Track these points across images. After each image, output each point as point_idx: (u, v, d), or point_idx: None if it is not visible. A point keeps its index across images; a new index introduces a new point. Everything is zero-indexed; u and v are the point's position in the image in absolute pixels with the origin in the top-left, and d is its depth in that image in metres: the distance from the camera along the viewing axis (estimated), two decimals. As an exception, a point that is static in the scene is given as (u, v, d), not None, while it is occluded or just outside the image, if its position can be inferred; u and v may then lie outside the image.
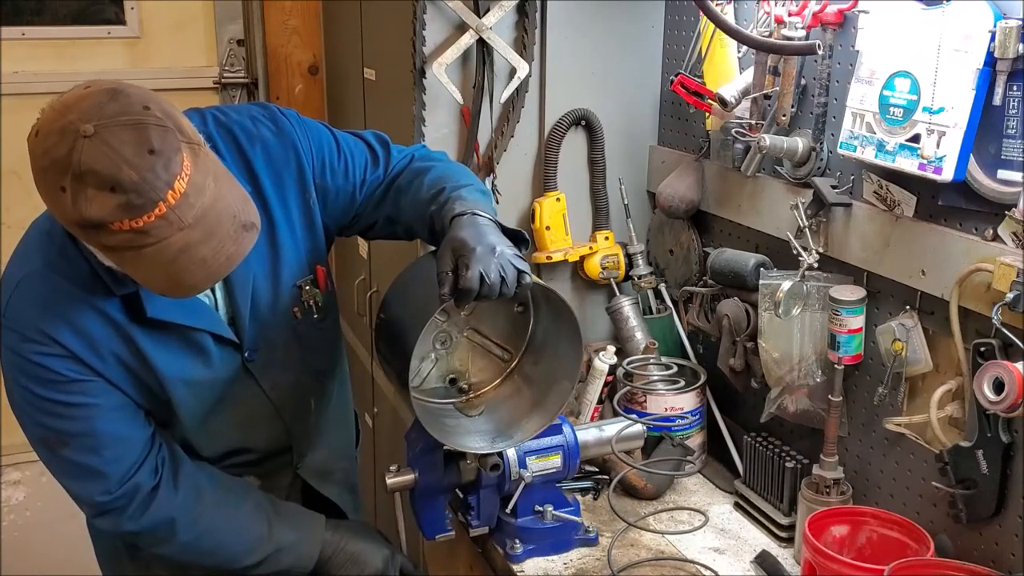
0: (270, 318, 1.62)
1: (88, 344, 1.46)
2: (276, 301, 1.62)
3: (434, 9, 2.03)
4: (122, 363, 1.50)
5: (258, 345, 1.62)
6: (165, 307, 1.49)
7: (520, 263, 1.45)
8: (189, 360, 1.56)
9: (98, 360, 1.47)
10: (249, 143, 1.57)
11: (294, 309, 1.65)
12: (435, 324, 1.65)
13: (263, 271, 1.60)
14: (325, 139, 1.66)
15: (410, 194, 1.64)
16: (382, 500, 2.69)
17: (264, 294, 1.61)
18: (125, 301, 1.47)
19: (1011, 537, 1.46)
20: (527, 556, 1.71)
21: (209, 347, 1.56)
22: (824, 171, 1.74)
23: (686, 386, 1.95)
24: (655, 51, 2.22)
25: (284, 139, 1.60)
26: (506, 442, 1.64)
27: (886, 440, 1.68)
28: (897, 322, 1.60)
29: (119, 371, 1.50)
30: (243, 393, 1.64)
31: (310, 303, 1.67)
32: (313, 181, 1.63)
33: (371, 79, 2.48)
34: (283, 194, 1.60)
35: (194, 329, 1.54)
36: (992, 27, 1.35)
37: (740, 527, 1.82)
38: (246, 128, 1.58)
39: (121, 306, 1.48)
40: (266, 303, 1.61)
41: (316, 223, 1.65)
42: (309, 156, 1.62)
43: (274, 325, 1.63)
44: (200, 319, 1.54)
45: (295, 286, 1.64)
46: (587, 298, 2.30)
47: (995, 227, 1.42)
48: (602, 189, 2.23)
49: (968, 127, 1.40)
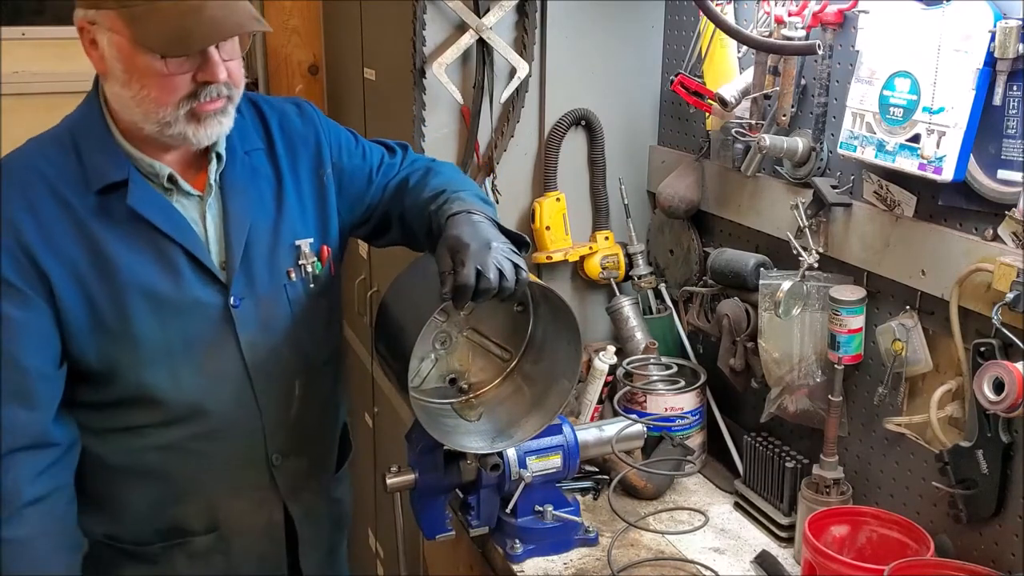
0: (262, 271, 1.59)
1: (45, 238, 1.44)
2: (271, 255, 1.60)
3: (434, 9, 2.03)
4: (75, 269, 1.46)
5: (244, 294, 1.57)
6: (147, 204, 1.49)
7: (516, 258, 1.46)
8: (156, 271, 1.51)
9: (50, 257, 1.44)
10: (269, 109, 1.68)
11: (288, 269, 1.62)
12: (435, 324, 1.65)
13: (263, 222, 1.60)
14: (344, 131, 1.76)
15: (415, 194, 1.68)
16: (382, 500, 2.70)
17: (260, 244, 1.59)
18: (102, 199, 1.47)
19: (1011, 537, 1.46)
20: (527, 556, 1.71)
21: (182, 269, 1.52)
22: (824, 171, 1.74)
23: (686, 386, 1.95)
24: (655, 51, 2.22)
25: (305, 119, 1.70)
26: (506, 442, 1.64)
27: (886, 440, 1.68)
28: (897, 322, 1.60)
29: (68, 281, 1.46)
30: (215, 339, 1.56)
31: (306, 269, 1.64)
32: (330, 160, 1.69)
33: (371, 79, 2.48)
34: (294, 159, 1.66)
35: (170, 241, 1.51)
36: (992, 27, 1.35)
37: (740, 527, 1.82)
38: (269, 100, 1.71)
39: (95, 205, 1.47)
40: (261, 254, 1.59)
41: (329, 202, 1.68)
42: (328, 136, 1.71)
43: (265, 279, 1.60)
44: (180, 233, 1.52)
45: (294, 244, 1.63)
46: (587, 298, 2.30)
47: (995, 227, 1.42)
48: (602, 189, 2.23)
49: (968, 127, 1.40)
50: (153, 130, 1.46)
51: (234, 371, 1.59)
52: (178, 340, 1.53)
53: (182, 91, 1.43)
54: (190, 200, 1.56)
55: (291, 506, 1.71)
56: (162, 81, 1.42)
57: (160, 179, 1.52)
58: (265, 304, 1.60)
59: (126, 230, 1.49)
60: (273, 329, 1.62)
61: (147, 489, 1.61)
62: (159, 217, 1.50)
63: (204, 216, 1.56)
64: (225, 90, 1.47)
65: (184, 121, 1.45)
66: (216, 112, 1.47)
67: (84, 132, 1.51)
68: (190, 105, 1.44)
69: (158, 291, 1.51)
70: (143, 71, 1.41)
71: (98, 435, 1.57)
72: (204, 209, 1.57)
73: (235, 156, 1.60)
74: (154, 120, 1.45)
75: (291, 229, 1.63)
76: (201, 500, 1.64)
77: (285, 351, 1.64)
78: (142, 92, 1.43)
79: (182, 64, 1.42)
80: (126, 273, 1.48)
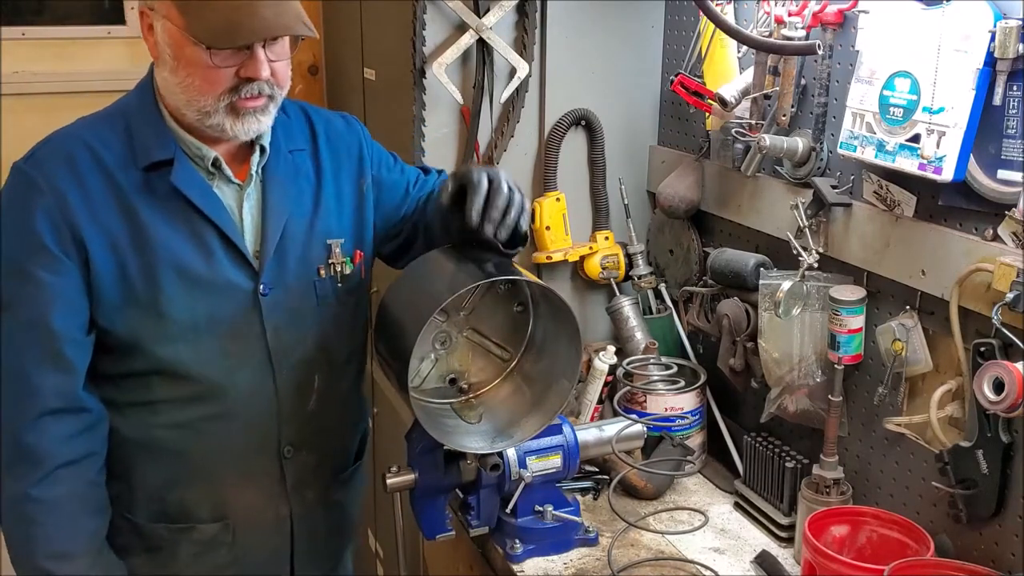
0: (293, 263, 1.63)
1: (88, 209, 1.50)
2: (304, 250, 1.64)
3: (434, 9, 2.03)
4: (114, 241, 1.51)
5: (273, 283, 1.61)
6: (189, 184, 1.54)
7: None
8: (191, 250, 1.55)
9: (91, 228, 1.49)
10: (318, 117, 1.74)
11: (319, 266, 1.66)
12: (434, 324, 1.65)
13: (300, 217, 1.64)
14: (386, 151, 1.83)
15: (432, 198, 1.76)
16: (382, 500, 2.69)
17: (294, 238, 1.63)
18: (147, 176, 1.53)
19: (1011, 537, 1.46)
20: (527, 556, 1.71)
21: (216, 250, 1.56)
22: (824, 171, 1.74)
23: (686, 386, 1.95)
24: (655, 51, 2.22)
25: (351, 130, 1.77)
26: (506, 442, 1.64)
27: (886, 440, 1.68)
28: (897, 322, 1.60)
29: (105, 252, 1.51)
30: (242, 321, 1.60)
31: (336, 268, 1.68)
32: (370, 172, 1.75)
33: (371, 79, 2.48)
34: (337, 165, 1.71)
35: (207, 222, 1.55)
36: (992, 27, 1.35)
37: (740, 527, 1.82)
38: (319, 110, 1.77)
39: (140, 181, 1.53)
40: (294, 247, 1.63)
41: (366, 210, 1.73)
42: (370, 150, 1.77)
43: (295, 272, 1.63)
44: (218, 215, 1.56)
45: (326, 243, 1.67)
46: (587, 298, 2.30)
47: (995, 227, 1.42)
48: (602, 189, 2.23)
49: (968, 127, 1.40)
50: (194, 118, 1.52)
51: (257, 356, 1.62)
52: (205, 318, 1.57)
53: (224, 84, 1.48)
54: (230, 187, 1.60)
55: (293, 502, 1.71)
56: (207, 72, 1.47)
57: (205, 162, 1.57)
58: (293, 295, 1.63)
59: (166, 208, 1.54)
60: (299, 321, 1.65)
61: (159, 467, 1.63)
62: (199, 198, 1.55)
63: (241, 205, 1.60)
64: (267, 88, 1.51)
65: (224, 113, 1.50)
66: (255, 110, 1.52)
67: (136, 113, 1.57)
68: (231, 99, 1.49)
69: (191, 269, 1.55)
70: (190, 60, 1.46)
71: (118, 408, 1.60)
72: (243, 198, 1.61)
73: (279, 152, 1.64)
74: (195, 108, 1.50)
75: (326, 228, 1.67)
76: (210, 485, 1.65)
77: (309, 344, 1.67)
78: (187, 80, 1.48)
79: (227, 58, 1.46)
80: (162, 249, 1.53)
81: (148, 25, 1.51)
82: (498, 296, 1.68)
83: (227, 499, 1.66)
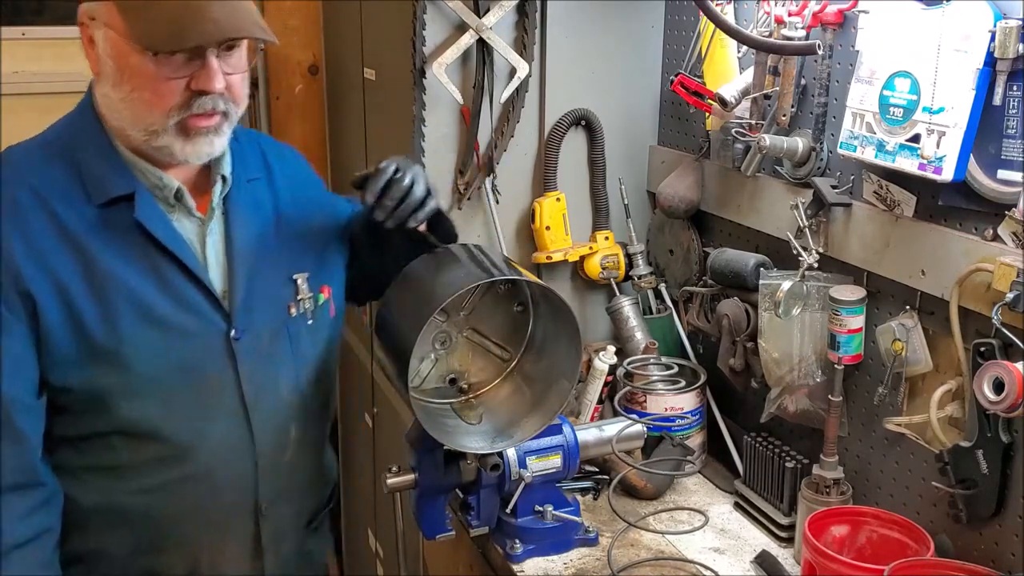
0: (264, 303, 1.52)
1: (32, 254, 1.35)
2: (273, 288, 1.54)
3: (434, 9, 2.03)
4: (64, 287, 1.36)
5: (246, 325, 1.48)
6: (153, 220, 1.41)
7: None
8: (156, 292, 1.41)
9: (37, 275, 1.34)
10: (266, 142, 1.65)
11: (288, 304, 1.55)
12: (435, 324, 1.65)
13: (266, 253, 1.53)
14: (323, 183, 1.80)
15: None
16: (382, 500, 2.70)
17: (263, 276, 1.52)
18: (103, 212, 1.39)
19: (1011, 537, 1.46)
20: (527, 556, 1.71)
21: (184, 292, 1.43)
22: (824, 171, 1.74)
23: (686, 386, 1.95)
24: (655, 51, 2.22)
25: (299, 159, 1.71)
26: (506, 442, 1.64)
27: (886, 440, 1.68)
28: (897, 322, 1.60)
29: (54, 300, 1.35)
30: (215, 370, 1.46)
31: (305, 305, 1.57)
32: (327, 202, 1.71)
33: (371, 79, 2.48)
34: (293, 194, 1.62)
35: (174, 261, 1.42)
36: (992, 27, 1.35)
37: (740, 527, 1.82)
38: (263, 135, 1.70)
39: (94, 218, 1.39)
40: (263, 286, 1.52)
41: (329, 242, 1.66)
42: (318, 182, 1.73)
43: (267, 313, 1.52)
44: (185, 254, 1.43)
45: (292, 279, 1.56)
46: (587, 298, 2.30)
47: (995, 227, 1.42)
48: (602, 189, 2.23)
49: (968, 127, 1.40)
50: (140, 138, 1.38)
51: (231, 407, 1.49)
52: (174, 368, 1.43)
53: (173, 98, 1.35)
54: (191, 221, 1.48)
55: (267, 558, 1.59)
56: (154, 84, 1.33)
57: (165, 193, 1.45)
58: (266, 338, 1.52)
59: (126, 246, 1.40)
60: (273, 366, 1.53)
61: (124, 535, 1.48)
62: (164, 235, 1.42)
63: (204, 241, 1.48)
64: (222, 104, 1.38)
65: (173, 133, 1.37)
66: (208, 130, 1.39)
67: (82, 142, 1.42)
68: (181, 116, 1.36)
69: (157, 313, 1.41)
70: (135, 71, 1.33)
71: (75, 474, 1.44)
72: (204, 233, 1.49)
73: (239, 182, 1.53)
74: (141, 127, 1.37)
75: (291, 263, 1.57)
76: (181, 550, 1.51)
77: (284, 390, 1.56)
78: (133, 94, 1.35)
79: (177, 68, 1.34)
80: (122, 291, 1.39)
81: (88, 37, 1.37)
82: (498, 296, 1.68)
83: (199, 561, 1.53)
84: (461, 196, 2.13)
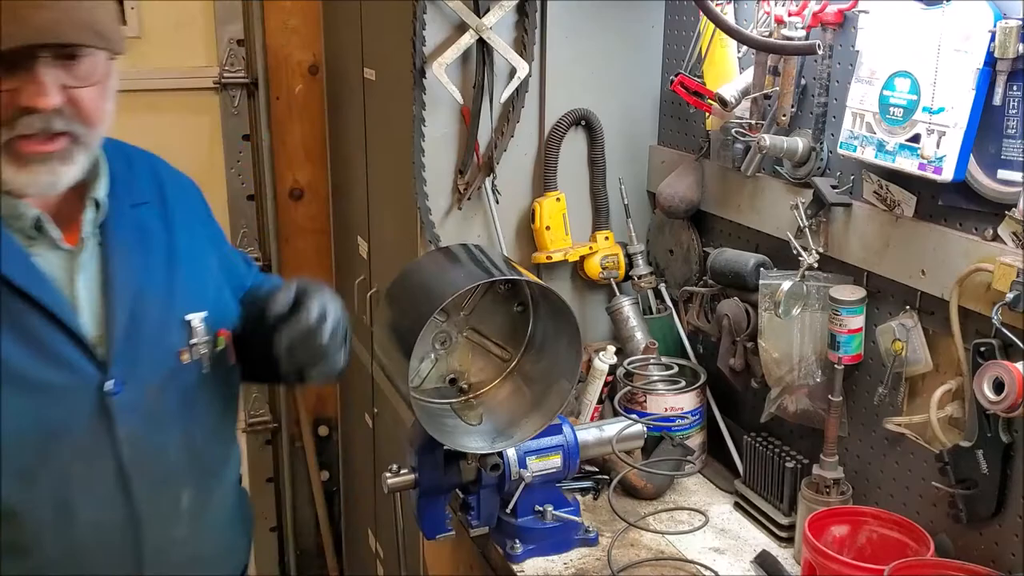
0: (149, 350, 1.30)
1: None
2: (161, 332, 1.33)
3: (434, 9, 2.03)
4: None
5: (126, 377, 1.27)
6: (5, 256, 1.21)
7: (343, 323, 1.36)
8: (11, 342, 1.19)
9: None
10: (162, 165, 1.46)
11: (180, 350, 1.34)
12: (434, 324, 1.65)
13: (152, 291, 1.32)
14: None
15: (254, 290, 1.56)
16: (382, 500, 2.70)
17: (148, 317, 1.31)
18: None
19: (1011, 537, 1.46)
20: (527, 556, 1.71)
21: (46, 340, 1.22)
22: (824, 171, 1.74)
23: (686, 386, 1.96)
24: (655, 51, 2.22)
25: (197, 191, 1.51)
26: (506, 442, 1.64)
27: (886, 440, 1.68)
28: (897, 322, 1.60)
29: None
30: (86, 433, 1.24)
31: (200, 351, 1.36)
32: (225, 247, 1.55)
33: (371, 79, 2.48)
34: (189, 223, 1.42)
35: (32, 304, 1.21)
36: (992, 27, 1.35)
37: (740, 527, 1.82)
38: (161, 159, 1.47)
39: None
40: (148, 330, 1.31)
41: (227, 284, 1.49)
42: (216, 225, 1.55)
43: (152, 361, 1.31)
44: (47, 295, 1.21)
45: (185, 320, 1.35)
46: (587, 298, 2.30)
47: (995, 227, 1.42)
48: (602, 189, 2.23)
49: (968, 127, 1.40)
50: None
51: (106, 477, 1.27)
52: (35, 433, 1.21)
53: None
54: (57, 255, 1.26)
55: None
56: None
57: (22, 223, 1.23)
58: (151, 392, 1.31)
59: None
60: (159, 424, 1.32)
61: None
62: (19, 273, 1.20)
63: (74, 278, 1.27)
64: (59, 124, 1.17)
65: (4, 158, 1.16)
66: (47, 156, 1.17)
67: None
68: (9, 136, 1.15)
69: (12, 367, 1.19)
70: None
71: None
72: (75, 268, 1.27)
73: (120, 208, 1.32)
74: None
75: (184, 301, 1.36)
76: None
77: (172, 452, 1.34)
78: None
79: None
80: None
81: None
82: (498, 296, 1.68)
83: None
84: (461, 196, 2.13)
